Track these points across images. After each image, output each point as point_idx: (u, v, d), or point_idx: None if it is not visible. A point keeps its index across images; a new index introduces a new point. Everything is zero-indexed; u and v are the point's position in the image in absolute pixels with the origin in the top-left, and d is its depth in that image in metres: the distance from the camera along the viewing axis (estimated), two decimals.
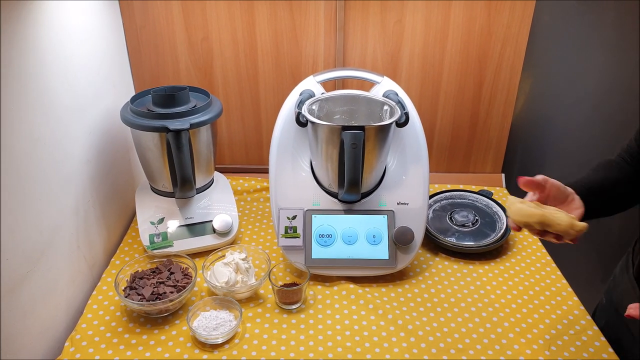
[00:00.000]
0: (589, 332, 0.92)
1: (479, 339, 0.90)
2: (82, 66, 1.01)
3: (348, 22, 1.25)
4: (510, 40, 1.28)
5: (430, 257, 1.12)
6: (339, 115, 1.09)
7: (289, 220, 1.03)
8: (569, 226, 0.73)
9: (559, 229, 0.73)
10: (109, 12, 1.16)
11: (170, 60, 1.30)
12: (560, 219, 0.73)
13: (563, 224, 0.73)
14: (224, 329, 0.88)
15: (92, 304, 0.97)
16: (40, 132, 0.85)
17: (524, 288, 1.03)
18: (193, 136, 1.04)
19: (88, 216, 1.03)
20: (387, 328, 0.92)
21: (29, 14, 0.82)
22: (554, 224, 0.73)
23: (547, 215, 0.73)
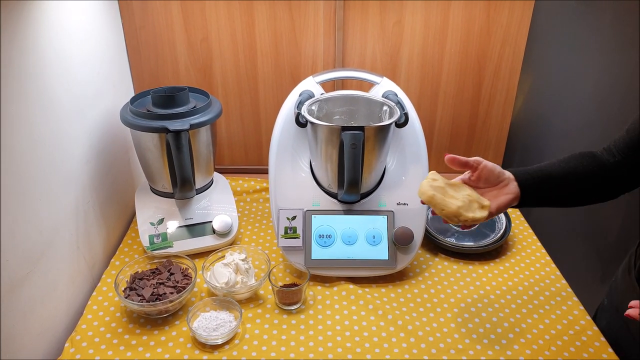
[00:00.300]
0: (589, 332, 0.92)
1: (479, 339, 0.90)
2: (81, 67, 1.01)
3: (347, 23, 1.26)
4: (509, 41, 1.28)
5: (430, 257, 1.12)
6: (339, 115, 1.10)
7: (289, 220, 1.03)
8: (453, 214, 0.75)
9: (442, 214, 0.76)
10: (108, 12, 1.16)
11: (170, 60, 1.30)
12: (446, 205, 0.76)
13: (447, 210, 0.75)
14: (224, 329, 0.88)
15: (92, 304, 0.97)
16: (40, 133, 0.85)
17: (523, 288, 1.03)
18: (193, 137, 1.04)
19: (88, 217, 1.03)
20: (387, 328, 0.92)
21: (29, 15, 0.82)
22: (438, 208, 0.76)
23: (435, 197, 0.76)
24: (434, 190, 0.77)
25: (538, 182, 0.80)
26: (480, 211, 0.77)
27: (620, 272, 0.95)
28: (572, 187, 0.81)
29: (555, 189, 0.81)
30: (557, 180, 0.80)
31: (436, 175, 0.80)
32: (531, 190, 0.80)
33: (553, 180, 0.80)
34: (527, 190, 0.80)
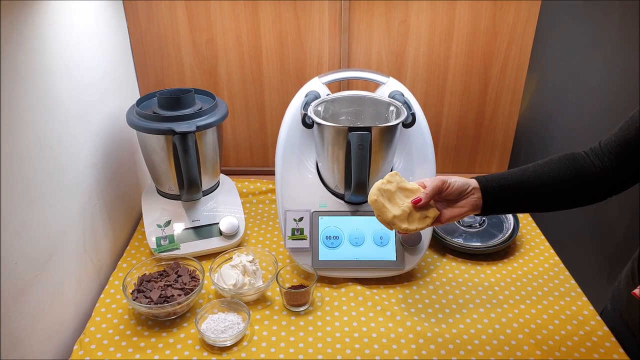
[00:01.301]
0: (599, 332, 0.91)
1: (489, 339, 0.90)
2: (87, 69, 1.01)
3: (353, 23, 1.25)
4: (515, 40, 1.27)
5: (438, 258, 1.12)
6: (345, 116, 1.09)
7: (296, 222, 1.03)
8: (387, 222, 0.77)
9: (378, 219, 0.78)
10: (113, 15, 1.16)
11: (175, 62, 1.30)
12: (383, 212, 0.77)
13: (382, 217, 0.77)
14: (233, 331, 0.88)
15: (100, 307, 0.97)
16: (46, 136, 0.85)
17: (532, 289, 1.02)
18: (199, 138, 1.04)
19: (95, 219, 1.03)
20: (395, 330, 0.92)
21: (34, 18, 0.82)
22: (376, 214, 0.78)
23: (377, 202, 0.77)
24: (379, 194, 0.77)
25: (503, 191, 0.77)
26: (420, 222, 0.77)
27: (624, 277, 0.93)
28: (544, 193, 0.77)
29: (521, 197, 0.77)
30: (524, 188, 0.77)
31: (393, 177, 0.79)
32: (493, 200, 0.77)
33: (519, 188, 0.77)
34: (489, 201, 0.77)
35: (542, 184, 0.77)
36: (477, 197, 0.77)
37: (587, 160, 0.78)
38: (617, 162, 0.75)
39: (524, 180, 0.78)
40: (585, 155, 0.78)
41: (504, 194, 0.77)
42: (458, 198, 0.78)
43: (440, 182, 0.77)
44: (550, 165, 0.78)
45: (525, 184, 0.77)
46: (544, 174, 0.77)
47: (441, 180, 0.77)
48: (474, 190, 0.77)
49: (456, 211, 0.78)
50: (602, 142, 0.78)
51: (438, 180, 0.77)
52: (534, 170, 0.78)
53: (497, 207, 0.79)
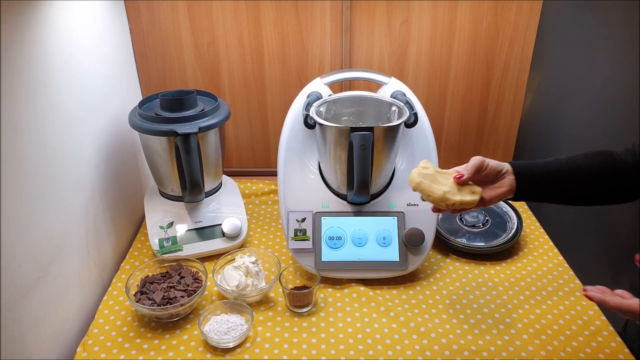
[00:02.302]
0: (605, 332, 0.90)
1: (493, 340, 0.89)
2: (90, 72, 1.01)
3: (354, 23, 1.25)
4: (517, 39, 1.27)
5: (441, 258, 1.11)
6: (347, 116, 1.09)
7: (298, 222, 1.03)
8: (440, 199, 0.77)
9: (429, 199, 0.78)
10: (115, 16, 1.16)
11: (177, 64, 1.30)
12: (433, 191, 0.78)
13: (433, 196, 0.78)
14: (236, 333, 0.88)
15: (103, 309, 0.97)
16: (48, 138, 0.85)
17: (536, 288, 1.02)
18: (201, 140, 1.04)
19: (97, 221, 1.03)
20: (399, 330, 0.91)
21: (37, 21, 0.82)
22: (425, 194, 0.78)
23: (422, 184, 0.78)
24: (421, 177, 0.78)
25: (536, 178, 0.78)
26: (471, 195, 0.77)
27: None
28: (576, 186, 0.78)
29: (554, 186, 0.78)
30: (558, 178, 0.78)
31: (427, 164, 0.81)
32: (527, 185, 0.78)
33: (553, 177, 0.78)
34: (523, 185, 0.78)
35: (575, 175, 0.78)
36: (512, 179, 0.79)
37: (620, 158, 0.78)
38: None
39: (557, 169, 0.78)
40: (619, 154, 0.79)
41: (537, 180, 0.78)
42: (496, 179, 0.79)
43: (480, 160, 0.78)
44: (584, 158, 0.79)
45: (558, 173, 0.78)
46: (577, 165, 0.78)
47: (480, 159, 0.79)
48: (507, 172, 0.79)
49: (496, 192, 0.79)
50: (637, 143, 0.79)
51: (477, 159, 0.79)
52: (567, 161, 0.79)
53: (529, 193, 0.79)
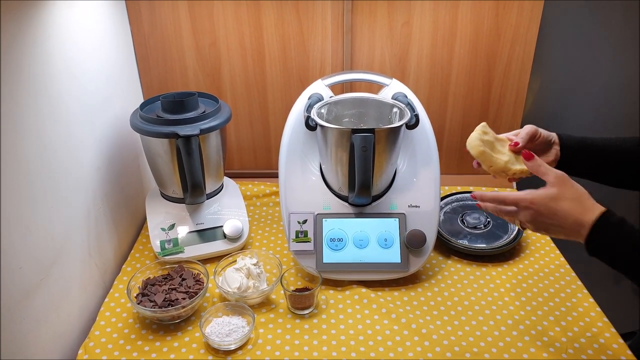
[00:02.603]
0: (606, 334, 0.90)
1: (494, 342, 0.89)
2: (91, 74, 1.01)
3: (355, 25, 1.25)
4: (519, 41, 1.27)
5: (443, 259, 1.11)
6: (348, 118, 1.09)
7: (300, 224, 1.03)
8: (502, 169, 0.77)
9: (490, 170, 0.79)
10: (116, 19, 1.17)
11: (178, 66, 1.30)
12: (495, 162, 0.77)
13: (495, 166, 0.78)
14: (237, 335, 0.88)
15: (105, 310, 0.97)
16: (50, 140, 0.85)
17: (538, 290, 1.02)
18: (203, 142, 1.04)
19: (99, 223, 1.03)
20: (400, 332, 0.91)
21: (38, 23, 0.82)
22: (487, 164, 0.78)
23: (485, 153, 0.77)
24: (484, 145, 0.77)
25: (581, 152, 0.80)
26: (523, 165, 0.77)
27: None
28: (619, 165, 0.80)
29: (597, 162, 0.80)
30: (602, 155, 0.80)
31: (487, 128, 0.80)
32: (571, 157, 0.81)
33: (598, 153, 0.80)
34: (567, 157, 0.81)
35: (620, 154, 0.80)
36: (557, 150, 0.81)
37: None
38: None
39: (603, 146, 0.81)
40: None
41: (581, 153, 0.80)
42: (545, 148, 0.82)
43: (533, 129, 0.80)
44: (632, 140, 0.81)
45: (604, 150, 0.80)
46: (624, 145, 0.80)
47: (533, 127, 0.80)
48: (555, 143, 0.81)
49: (545, 159, 0.80)
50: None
51: (530, 127, 0.80)
52: (615, 141, 0.81)
53: (572, 166, 0.81)
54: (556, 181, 0.69)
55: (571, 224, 0.66)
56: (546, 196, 0.67)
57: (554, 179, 0.69)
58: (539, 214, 0.69)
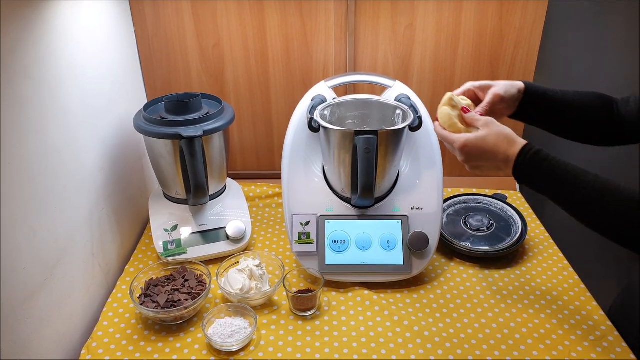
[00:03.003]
0: (610, 337, 0.90)
1: (497, 345, 0.89)
2: (95, 75, 1.02)
3: (359, 27, 1.25)
4: (522, 43, 1.27)
5: (445, 262, 1.11)
6: (351, 120, 1.09)
7: (302, 226, 1.03)
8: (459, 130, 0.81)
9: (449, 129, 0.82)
10: (121, 20, 1.17)
11: (182, 67, 1.31)
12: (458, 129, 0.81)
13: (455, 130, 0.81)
14: (240, 336, 0.88)
15: (108, 311, 0.97)
16: (54, 141, 0.86)
17: (541, 293, 1.01)
18: (206, 143, 1.05)
19: (102, 223, 1.04)
20: (403, 334, 0.91)
21: (43, 25, 0.83)
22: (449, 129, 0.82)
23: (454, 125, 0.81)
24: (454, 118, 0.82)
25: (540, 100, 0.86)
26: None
27: None
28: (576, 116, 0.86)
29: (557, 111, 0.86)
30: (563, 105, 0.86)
31: (454, 100, 0.83)
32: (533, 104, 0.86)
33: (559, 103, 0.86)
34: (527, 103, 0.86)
35: (577, 107, 0.86)
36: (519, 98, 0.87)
37: (616, 106, 0.86)
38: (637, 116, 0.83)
39: (563, 98, 0.86)
40: (617, 103, 0.86)
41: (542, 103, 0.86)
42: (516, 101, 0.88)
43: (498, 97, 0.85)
44: (588, 95, 0.87)
45: (563, 102, 0.86)
46: (581, 99, 0.86)
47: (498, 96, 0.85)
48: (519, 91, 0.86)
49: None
50: (632, 96, 0.85)
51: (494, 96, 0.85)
52: (574, 94, 0.87)
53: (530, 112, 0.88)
54: (484, 124, 0.78)
55: (501, 159, 0.75)
56: (476, 138, 0.76)
57: (482, 124, 0.78)
58: (470, 155, 0.77)
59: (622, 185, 0.69)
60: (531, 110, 0.87)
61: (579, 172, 0.71)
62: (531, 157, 0.74)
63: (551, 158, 0.73)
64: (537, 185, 0.75)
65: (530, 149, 0.74)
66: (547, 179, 0.73)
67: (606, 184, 0.70)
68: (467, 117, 0.80)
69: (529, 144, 0.75)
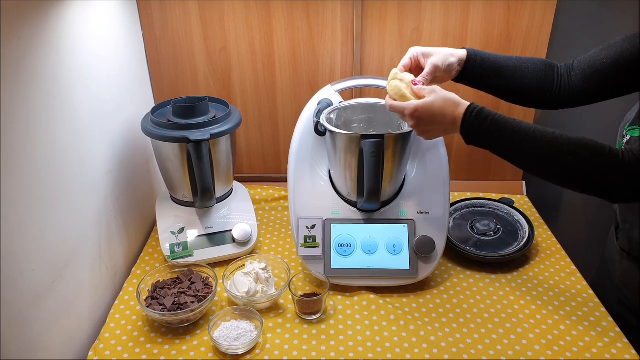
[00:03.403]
0: (619, 344, 0.89)
1: (504, 350, 0.89)
2: (103, 78, 1.03)
3: (365, 30, 1.25)
4: (530, 46, 1.26)
5: (452, 266, 1.11)
6: (357, 123, 1.09)
7: (308, 229, 1.03)
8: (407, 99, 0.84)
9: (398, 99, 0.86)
10: (129, 24, 1.18)
11: (189, 70, 1.32)
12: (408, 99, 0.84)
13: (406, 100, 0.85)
14: (245, 339, 0.88)
15: (115, 313, 0.98)
16: (62, 144, 0.86)
17: (548, 298, 1.01)
18: (213, 146, 1.05)
19: (110, 226, 1.04)
20: (409, 339, 0.91)
21: (52, 29, 0.84)
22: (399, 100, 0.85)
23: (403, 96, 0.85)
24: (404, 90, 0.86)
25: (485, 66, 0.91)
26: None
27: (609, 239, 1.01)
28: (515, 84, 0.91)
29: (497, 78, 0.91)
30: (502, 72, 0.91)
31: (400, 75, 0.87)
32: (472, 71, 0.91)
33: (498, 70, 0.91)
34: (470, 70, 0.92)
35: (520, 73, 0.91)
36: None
37: (558, 71, 0.91)
38: (580, 80, 0.88)
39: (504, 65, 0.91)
40: (559, 67, 0.92)
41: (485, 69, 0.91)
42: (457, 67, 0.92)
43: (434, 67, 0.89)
44: (530, 62, 0.92)
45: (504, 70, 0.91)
46: (523, 65, 0.91)
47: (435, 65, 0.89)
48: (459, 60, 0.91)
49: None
50: (576, 60, 0.90)
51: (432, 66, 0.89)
52: (517, 59, 0.92)
53: (472, 78, 0.93)
54: (431, 92, 0.83)
55: (448, 121, 0.80)
56: (425, 102, 0.81)
57: (429, 91, 0.83)
58: (421, 119, 0.82)
59: (556, 132, 0.76)
60: (473, 76, 0.92)
61: (518, 123, 0.78)
62: (475, 114, 0.79)
63: (493, 114, 0.78)
64: (483, 140, 0.80)
65: (475, 108, 0.79)
66: (490, 133, 0.78)
67: (544, 132, 0.76)
68: (415, 88, 0.85)
69: (473, 103, 0.80)
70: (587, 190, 0.77)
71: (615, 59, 0.83)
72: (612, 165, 0.73)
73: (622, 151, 0.74)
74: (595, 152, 0.74)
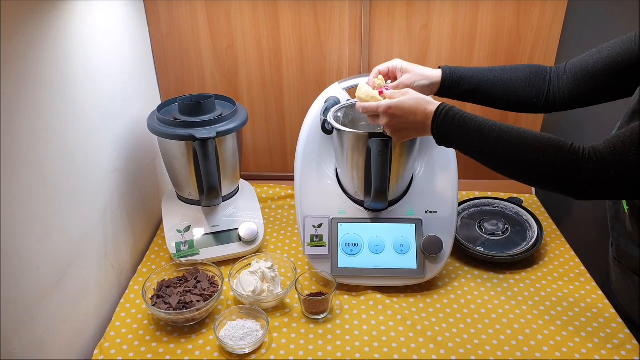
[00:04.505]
0: (628, 346, 0.88)
1: (512, 351, 0.88)
2: (110, 76, 1.02)
3: (373, 27, 1.24)
4: (540, 44, 1.25)
5: (460, 266, 1.10)
6: (365, 122, 1.08)
7: (315, 228, 1.02)
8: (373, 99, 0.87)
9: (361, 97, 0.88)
10: (135, 21, 1.18)
11: (196, 68, 1.31)
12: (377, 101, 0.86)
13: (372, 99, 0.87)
14: (251, 338, 0.88)
15: (120, 312, 0.98)
16: (68, 142, 0.86)
17: (557, 299, 1.00)
18: (219, 144, 1.04)
19: (115, 224, 1.04)
20: (416, 339, 0.90)
21: (58, 27, 0.83)
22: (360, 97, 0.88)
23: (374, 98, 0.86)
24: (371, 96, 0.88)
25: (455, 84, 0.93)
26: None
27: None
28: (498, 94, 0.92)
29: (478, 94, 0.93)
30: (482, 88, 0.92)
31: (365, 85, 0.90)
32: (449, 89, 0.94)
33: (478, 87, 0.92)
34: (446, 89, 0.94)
35: (499, 88, 0.92)
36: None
37: (548, 75, 0.90)
38: (571, 84, 0.87)
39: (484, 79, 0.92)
40: (549, 70, 0.91)
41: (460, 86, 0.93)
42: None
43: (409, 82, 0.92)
44: (513, 71, 0.92)
45: (484, 83, 0.92)
46: (504, 78, 0.91)
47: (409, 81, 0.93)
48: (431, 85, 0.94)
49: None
50: (569, 62, 0.89)
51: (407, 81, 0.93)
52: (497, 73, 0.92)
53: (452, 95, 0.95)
54: (401, 93, 0.84)
55: (420, 120, 0.81)
56: (398, 100, 0.82)
57: (400, 93, 0.84)
58: (394, 116, 0.82)
59: (523, 129, 0.75)
60: (454, 93, 0.94)
61: (484, 121, 0.78)
62: (445, 113, 0.79)
63: (462, 113, 0.79)
64: (451, 139, 0.80)
65: (445, 107, 0.80)
66: (457, 131, 0.79)
67: (509, 130, 0.76)
68: (387, 93, 0.86)
69: (443, 103, 0.81)
70: (551, 187, 0.74)
71: (607, 63, 0.81)
72: (572, 161, 0.71)
73: (584, 148, 0.72)
74: (557, 149, 0.72)
